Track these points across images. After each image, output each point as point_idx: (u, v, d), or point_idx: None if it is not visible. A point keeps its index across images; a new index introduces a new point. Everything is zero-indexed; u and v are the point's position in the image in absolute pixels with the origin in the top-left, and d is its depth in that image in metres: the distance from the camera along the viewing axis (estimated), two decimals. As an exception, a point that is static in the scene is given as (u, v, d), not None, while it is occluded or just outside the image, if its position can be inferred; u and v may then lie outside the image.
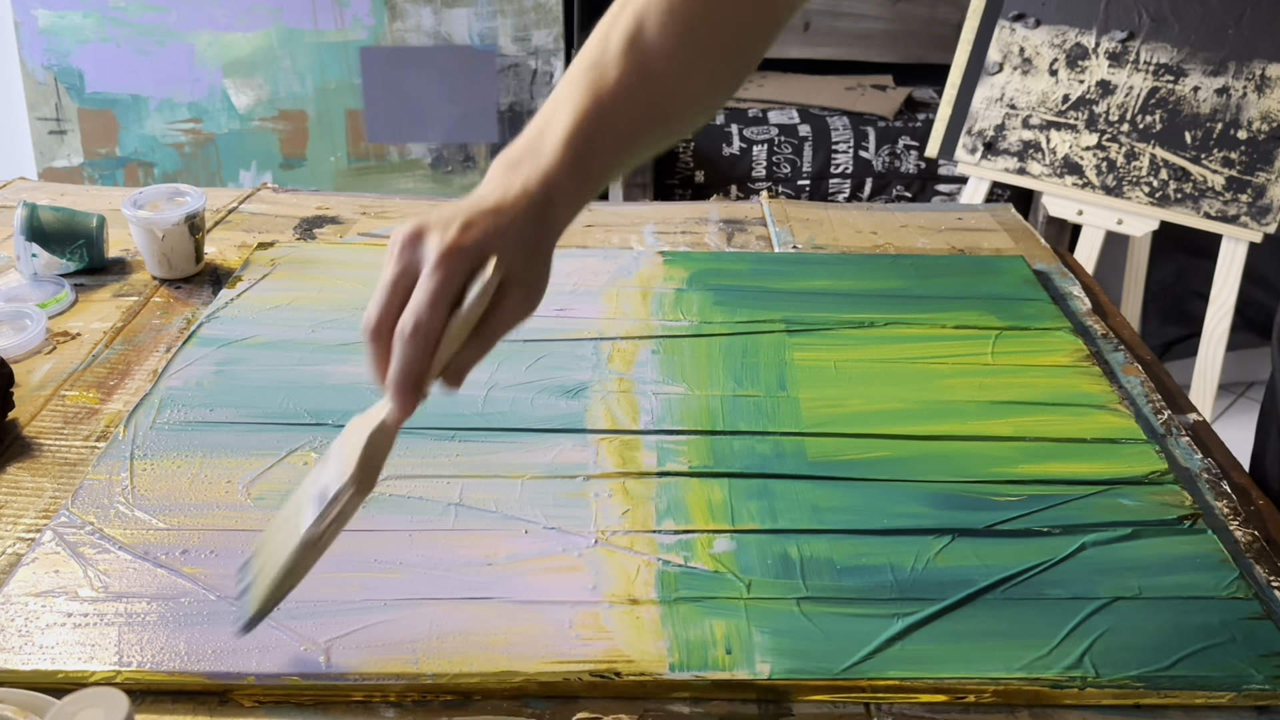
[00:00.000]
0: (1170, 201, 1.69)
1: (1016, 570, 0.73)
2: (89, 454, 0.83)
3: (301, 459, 0.82)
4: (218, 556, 0.72)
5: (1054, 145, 1.78)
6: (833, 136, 2.14)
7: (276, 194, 1.31)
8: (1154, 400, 0.93)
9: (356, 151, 2.24)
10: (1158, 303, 2.36)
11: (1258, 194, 1.63)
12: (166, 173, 2.22)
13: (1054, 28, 1.78)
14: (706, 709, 0.64)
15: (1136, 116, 1.71)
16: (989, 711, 0.64)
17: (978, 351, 0.98)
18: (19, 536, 0.74)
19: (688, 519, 0.77)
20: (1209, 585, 0.72)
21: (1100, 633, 0.68)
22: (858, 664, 0.65)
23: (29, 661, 0.64)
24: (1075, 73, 1.76)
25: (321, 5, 2.18)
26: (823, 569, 0.72)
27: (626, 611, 0.69)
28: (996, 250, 1.20)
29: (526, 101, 2.24)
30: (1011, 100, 1.81)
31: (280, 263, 1.10)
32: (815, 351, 0.97)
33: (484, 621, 0.67)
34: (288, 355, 0.95)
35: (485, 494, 0.79)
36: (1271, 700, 0.64)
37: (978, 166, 1.84)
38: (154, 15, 2.17)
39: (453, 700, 0.64)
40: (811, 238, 1.21)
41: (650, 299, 1.05)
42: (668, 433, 0.86)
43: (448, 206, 0.62)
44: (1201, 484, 0.83)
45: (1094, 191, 1.75)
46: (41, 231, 1.07)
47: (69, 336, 0.99)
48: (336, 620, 0.67)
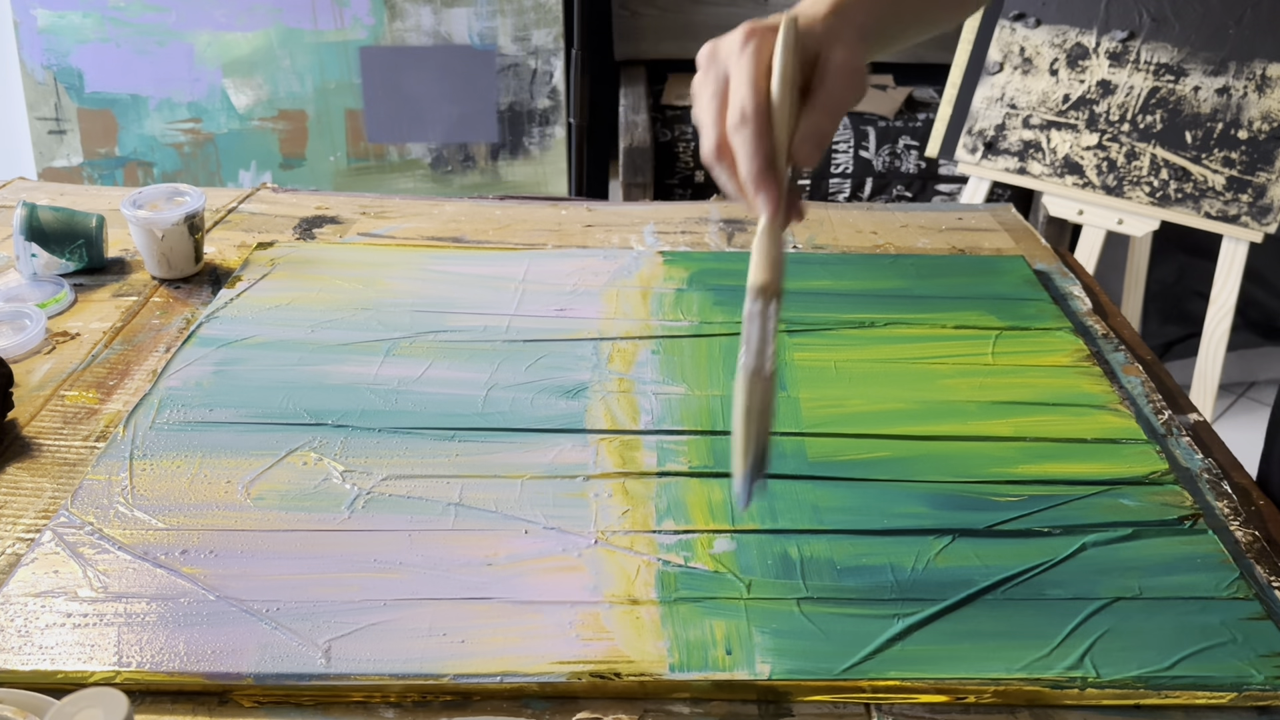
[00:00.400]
0: (1171, 201, 1.69)
1: (1017, 570, 0.72)
2: (88, 454, 0.83)
3: (301, 459, 0.82)
4: (218, 556, 0.72)
5: (1054, 145, 1.78)
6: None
7: (276, 194, 1.31)
8: (1154, 400, 0.93)
9: (356, 151, 2.24)
10: (1158, 303, 2.36)
11: (1258, 194, 1.63)
12: (166, 172, 2.22)
13: (1054, 27, 1.78)
14: (706, 709, 0.64)
15: (1137, 116, 1.71)
16: (989, 712, 0.64)
17: (978, 351, 0.98)
18: (18, 536, 0.74)
19: (688, 519, 0.77)
20: (1209, 585, 0.72)
21: (1101, 633, 0.68)
22: (858, 664, 0.65)
23: (29, 662, 0.64)
24: (1076, 72, 1.76)
25: (321, 5, 2.18)
26: (823, 569, 0.72)
27: (626, 611, 0.68)
28: (997, 250, 1.19)
29: (526, 101, 2.24)
30: (1012, 100, 1.81)
31: (280, 263, 1.10)
32: (815, 351, 0.97)
33: (484, 621, 0.67)
34: (287, 355, 0.94)
35: (485, 494, 0.79)
36: (1272, 700, 0.64)
37: (978, 166, 1.84)
38: (154, 15, 2.17)
39: (453, 700, 0.64)
40: (811, 238, 1.21)
41: (650, 299, 1.05)
42: (668, 433, 0.86)
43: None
44: (1202, 484, 0.83)
45: (1094, 191, 1.75)
46: (41, 231, 1.07)
47: (68, 336, 0.99)
48: (336, 620, 0.67)
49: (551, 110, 2.24)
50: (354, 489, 0.79)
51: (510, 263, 1.11)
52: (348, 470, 0.81)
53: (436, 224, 1.23)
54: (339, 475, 0.80)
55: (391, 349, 0.95)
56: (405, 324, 0.99)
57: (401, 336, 0.97)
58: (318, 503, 0.77)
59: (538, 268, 1.10)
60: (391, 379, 0.91)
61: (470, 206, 1.28)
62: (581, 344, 0.98)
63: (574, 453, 0.83)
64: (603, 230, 1.22)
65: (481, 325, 0.99)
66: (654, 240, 1.20)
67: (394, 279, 1.06)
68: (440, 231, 1.21)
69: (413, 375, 0.92)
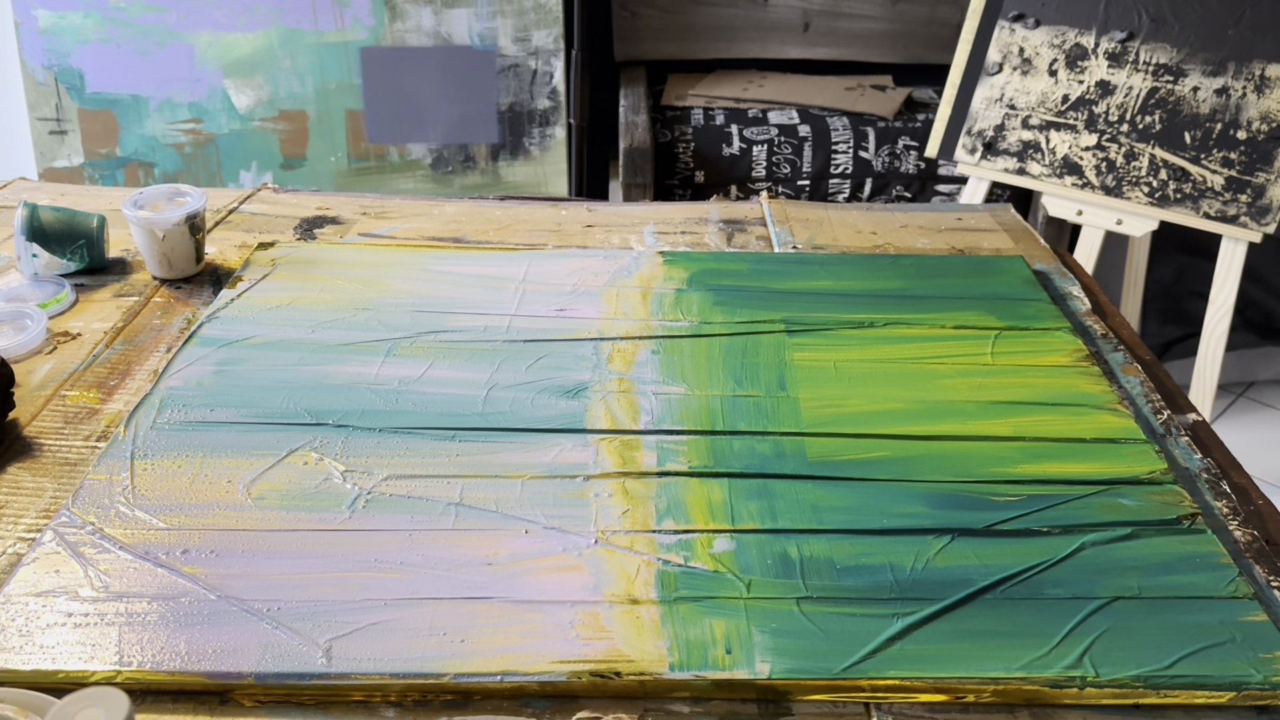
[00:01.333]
0: (1170, 202, 1.69)
1: (1016, 570, 0.73)
2: (89, 454, 0.84)
3: (302, 459, 0.82)
4: (218, 556, 0.72)
5: (1054, 145, 1.78)
6: (832, 137, 2.14)
7: (277, 194, 1.31)
8: (1153, 400, 0.93)
9: (357, 152, 2.24)
10: (1157, 303, 2.36)
11: (1257, 194, 1.63)
12: (167, 173, 2.22)
13: (1054, 28, 1.78)
14: (706, 709, 0.64)
15: (1136, 117, 1.71)
16: (989, 711, 0.64)
17: (977, 351, 0.98)
18: (20, 536, 0.75)
19: (688, 519, 0.77)
20: (1209, 585, 0.72)
21: (1100, 633, 0.68)
22: (857, 664, 0.65)
23: (29, 661, 0.64)
24: (1075, 73, 1.76)
25: (321, 5, 2.18)
26: (823, 569, 0.72)
27: (626, 611, 0.69)
28: (996, 250, 1.20)
29: (527, 102, 2.24)
30: (1011, 100, 1.81)
31: (280, 263, 1.10)
32: (815, 351, 0.97)
33: (484, 621, 0.68)
34: (288, 355, 0.95)
35: (485, 494, 0.79)
36: (1271, 700, 0.64)
37: (977, 167, 1.84)
38: (154, 15, 2.17)
39: (453, 700, 0.64)
40: (811, 238, 1.22)
41: (650, 299, 1.05)
42: (668, 433, 0.86)
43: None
44: (1201, 484, 0.83)
45: (1093, 192, 1.75)
46: (42, 232, 1.07)
47: (69, 336, 0.99)
48: (336, 620, 0.67)
49: (552, 111, 2.24)
50: (355, 489, 0.79)
51: (510, 263, 1.11)
52: (348, 470, 0.81)
53: (437, 224, 1.23)
54: (340, 475, 0.80)
55: (392, 349, 0.95)
56: (406, 324, 0.99)
57: (402, 336, 0.97)
58: (318, 502, 0.77)
59: (538, 268, 1.10)
60: (392, 379, 0.91)
61: (470, 207, 1.28)
62: (581, 344, 0.98)
63: (574, 453, 0.83)
64: (603, 230, 1.22)
65: (482, 325, 0.99)
66: (654, 240, 1.20)
67: (394, 279, 1.06)
68: (441, 232, 1.21)
69: (413, 375, 0.92)
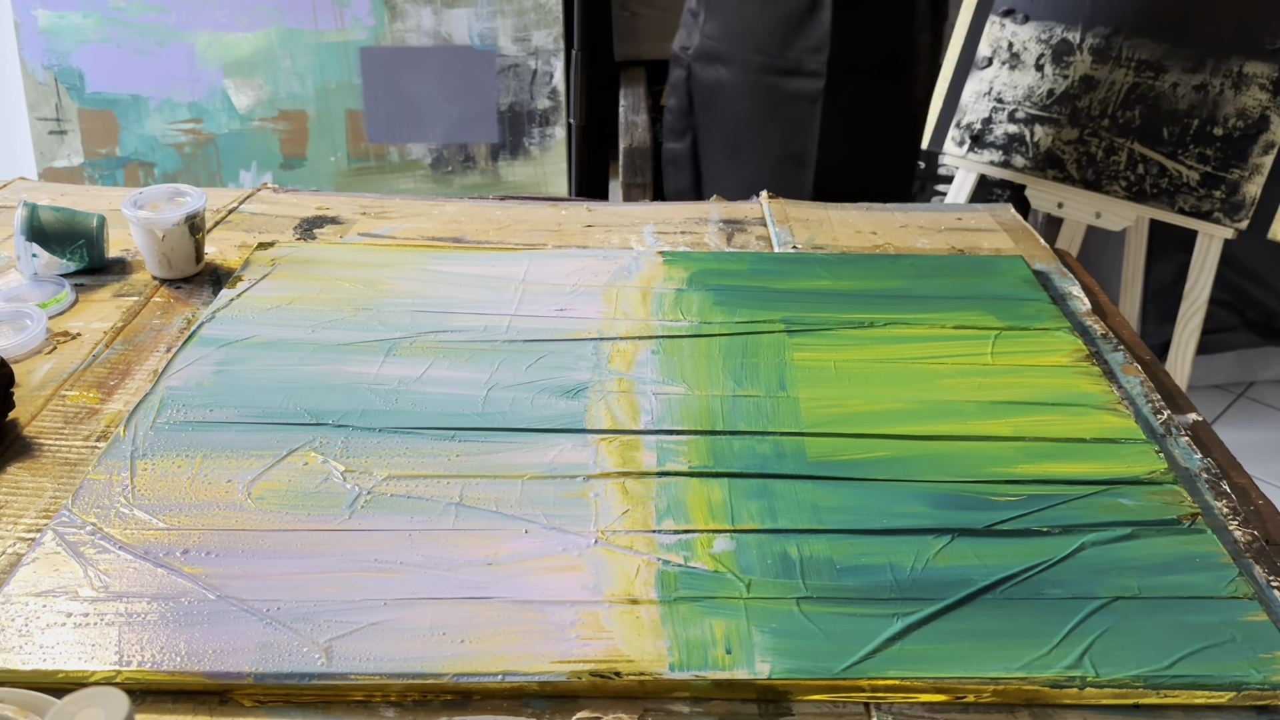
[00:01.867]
0: (1147, 196, 1.70)
1: (1016, 570, 0.73)
2: (89, 454, 0.84)
3: (302, 459, 0.82)
4: (218, 556, 0.72)
5: (1037, 139, 1.79)
6: (833, 136, 2.14)
7: (276, 194, 1.31)
8: (1153, 400, 0.93)
9: (356, 152, 2.24)
10: (1157, 302, 2.36)
11: (1231, 190, 1.63)
12: (167, 173, 2.22)
13: (1042, 23, 1.79)
14: (706, 709, 0.64)
15: (1117, 111, 1.72)
16: (989, 711, 0.64)
17: (977, 351, 0.98)
18: (19, 536, 0.75)
19: (688, 519, 0.77)
20: (1209, 585, 0.72)
21: (1100, 632, 0.68)
22: (857, 664, 0.65)
23: (29, 661, 0.64)
24: (1060, 68, 1.77)
25: (321, 5, 2.18)
26: (823, 569, 0.72)
27: (626, 611, 0.69)
28: (996, 250, 1.20)
29: (526, 102, 2.24)
30: (999, 94, 1.81)
31: (280, 263, 1.10)
32: (815, 351, 0.97)
33: (484, 621, 0.68)
34: (288, 355, 0.95)
35: (485, 494, 0.79)
36: (1271, 700, 0.64)
37: (964, 159, 1.85)
38: (154, 15, 2.17)
39: (453, 700, 0.64)
40: (811, 238, 1.22)
41: (650, 299, 1.05)
42: (668, 433, 0.86)
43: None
44: (1201, 484, 0.83)
45: (1074, 185, 1.76)
46: (42, 231, 1.07)
47: (69, 336, 0.99)
48: (337, 620, 0.67)
49: (551, 111, 2.24)
50: (354, 489, 0.79)
51: (510, 263, 1.11)
52: (348, 470, 0.81)
53: (437, 224, 1.23)
54: (339, 475, 0.80)
55: (392, 349, 0.95)
56: (406, 324, 0.99)
57: (402, 337, 0.97)
58: (318, 502, 0.77)
59: (538, 268, 1.10)
60: (392, 379, 0.91)
61: (470, 207, 1.28)
62: (582, 344, 0.98)
63: (574, 453, 0.83)
64: (603, 230, 1.22)
65: (482, 325, 0.99)
66: (654, 240, 1.20)
67: (394, 279, 1.06)
68: (440, 232, 1.21)
69: (413, 375, 0.92)
